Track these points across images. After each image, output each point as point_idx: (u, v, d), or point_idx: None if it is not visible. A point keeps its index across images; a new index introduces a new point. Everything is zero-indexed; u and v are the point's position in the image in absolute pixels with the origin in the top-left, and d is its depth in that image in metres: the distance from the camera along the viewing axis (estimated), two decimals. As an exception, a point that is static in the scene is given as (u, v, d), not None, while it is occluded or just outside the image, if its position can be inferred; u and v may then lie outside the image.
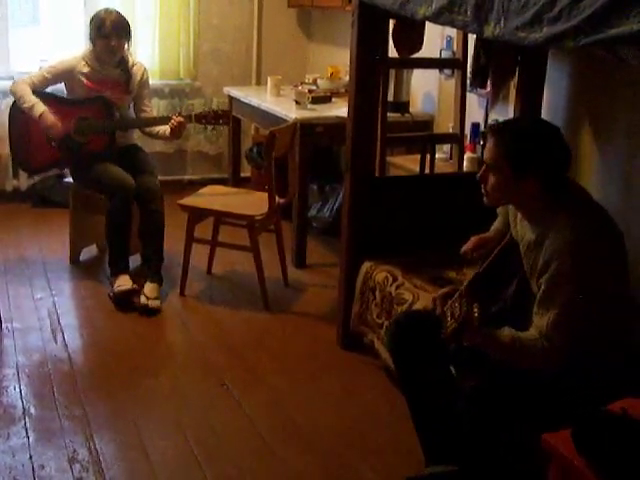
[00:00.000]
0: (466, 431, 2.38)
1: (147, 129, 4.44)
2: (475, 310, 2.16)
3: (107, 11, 4.26)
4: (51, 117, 4.19)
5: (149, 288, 4.10)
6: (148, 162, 4.45)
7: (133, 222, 4.26)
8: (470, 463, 2.45)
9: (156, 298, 4.07)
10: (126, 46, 4.33)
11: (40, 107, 4.19)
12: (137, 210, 4.24)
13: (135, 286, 4.09)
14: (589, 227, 2.29)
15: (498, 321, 2.39)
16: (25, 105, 4.21)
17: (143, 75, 4.44)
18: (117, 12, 4.29)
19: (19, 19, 6.21)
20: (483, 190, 2.47)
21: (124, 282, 4.10)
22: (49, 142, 4.30)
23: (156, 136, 4.45)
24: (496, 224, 2.86)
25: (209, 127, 4.27)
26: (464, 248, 2.86)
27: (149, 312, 4.01)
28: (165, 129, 4.30)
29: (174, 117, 4.24)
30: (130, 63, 4.40)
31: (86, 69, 4.29)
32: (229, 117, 4.34)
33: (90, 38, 4.29)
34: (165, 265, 4.62)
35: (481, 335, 2.28)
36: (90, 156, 4.29)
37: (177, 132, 4.28)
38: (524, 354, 2.29)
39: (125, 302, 4.06)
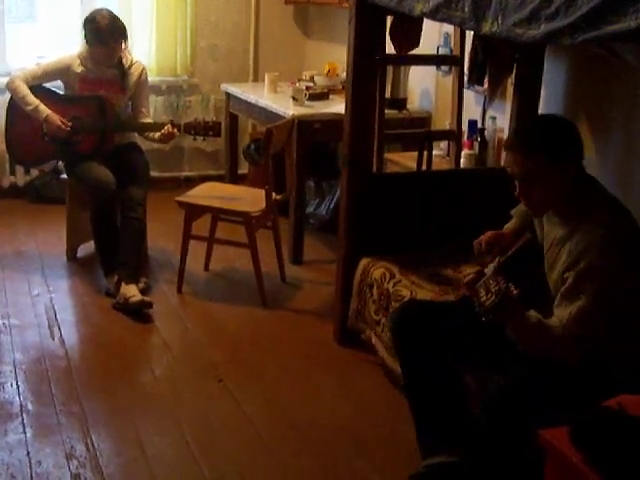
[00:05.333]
0: (480, 433, 2.39)
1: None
2: (512, 287, 2.19)
3: (101, 14, 4.20)
4: (56, 119, 4.19)
5: (131, 289, 4.00)
6: (139, 168, 4.38)
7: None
8: (473, 456, 2.46)
9: (143, 288, 4.07)
10: (123, 46, 4.31)
11: (43, 109, 4.20)
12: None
13: (148, 299, 4.01)
14: (621, 226, 2.31)
15: None
16: (28, 107, 4.22)
17: (141, 74, 4.41)
18: (110, 14, 4.23)
19: (15, 15, 6.20)
20: (526, 204, 2.50)
21: (134, 292, 3.99)
22: (43, 137, 4.30)
23: (146, 137, 4.46)
24: (511, 225, 2.85)
25: (199, 138, 4.22)
26: (479, 239, 2.85)
27: (145, 306, 3.96)
28: (155, 133, 4.32)
29: (168, 126, 4.23)
30: (129, 62, 4.37)
31: (80, 69, 4.28)
32: (220, 129, 4.31)
33: (86, 42, 4.26)
34: (162, 262, 4.64)
35: (517, 309, 2.29)
36: (80, 154, 4.29)
37: (166, 139, 4.32)
38: (545, 338, 2.32)
39: (139, 312, 3.96)
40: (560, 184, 2.37)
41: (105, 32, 4.15)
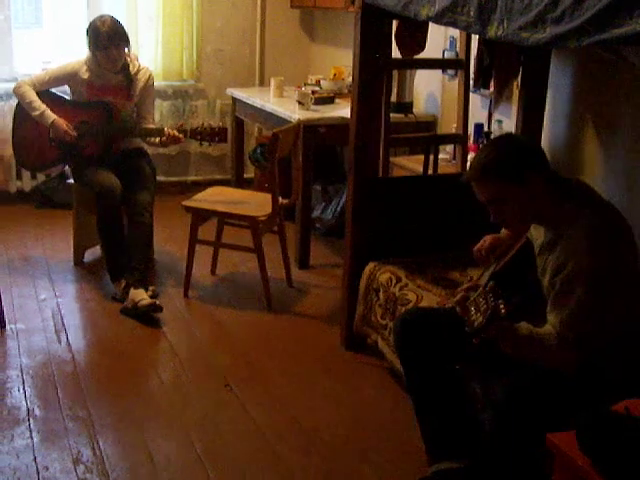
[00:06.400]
0: (487, 439, 2.38)
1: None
2: (501, 306, 2.17)
3: (102, 20, 4.20)
4: (63, 124, 4.21)
5: (140, 293, 4.00)
6: (145, 173, 4.37)
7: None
8: (480, 462, 2.45)
9: (151, 296, 4.05)
10: (126, 50, 4.32)
11: (50, 114, 4.23)
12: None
13: (158, 302, 4.00)
14: (605, 227, 2.30)
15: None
16: (35, 113, 4.24)
17: (148, 80, 4.41)
18: (111, 19, 4.23)
19: (22, 21, 6.23)
20: (505, 226, 2.56)
21: (143, 296, 3.99)
22: (50, 142, 4.31)
23: (148, 142, 4.46)
24: None
25: (205, 143, 4.22)
26: (477, 247, 2.85)
27: (156, 309, 3.95)
28: (157, 138, 4.33)
29: (169, 131, 4.23)
30: (135, 68, 4.38)
31: (87, 75, 4.29)
32: (226, 135, 4.30)
33: (89, 49, 4.27)
34: (169, 266, 4.65)
35: (507, 326, 2.29)
36: (86, 159, 4.31)
37: (169, 143, 4.32)
38: (540, 349, 2.31)
39: (148, 316, 3.96)
40: (528, 200, 2.36)
41: (105, 38, 4.15)
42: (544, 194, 2.37)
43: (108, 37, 4.16)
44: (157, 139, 4.33)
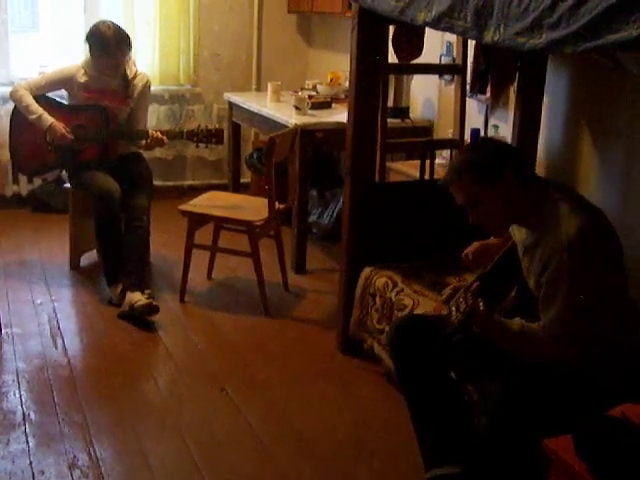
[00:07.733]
0: (482, 442, 2.38)
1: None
2: (480, 303, 2.20)
3: (105, 25, 4.19)
4: (60, 127, 4.20)
5: (136, 296, 3.98)
6: (142, 177, 4.39)
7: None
8: (476, 466, 2.45)
9: (147, 298, 4.02)
10: (127, 56, 4.31)
11: (47, 117, 4.22)
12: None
13: (155, 303, 3.99)
14: (585, 225, 2.30)
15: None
16: (32, 116, 4.23)
17: (145, 85, 4.42)
18: (114, 24, 4.22)
19: (19, 25, 6.22)
20: (486, 228, 2.55)
21: (139, 297, 3.97)
22: (47, 146, 4.31)
23: (135, 145, 4.43)
24: None
25: (201, 145, 4.19)
26: (466, 251, 2.87)
27: (152, 310, 3.94)
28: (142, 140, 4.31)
29: (153, 132, 4.21)
30: (132, 73, 4.37)
31: (84, 78, 4.29)
32: (222, 136, 4.28)
33: (91, 54, 4.25)
34: (165, 271, 4.64)
35: (491, 322, 2.32)
36: (83, 163, 4.31)
37: (152, 147, 4.30)
38: (533, 342, 2.34)
39: (145, 317, 3.96)
40: (501, 201, 2.39)
41: (112, 43, 4.15)
42: (518, 195, 2.39)
43: (116, 43, 4.16)
44: (142, 142, 4.30)
